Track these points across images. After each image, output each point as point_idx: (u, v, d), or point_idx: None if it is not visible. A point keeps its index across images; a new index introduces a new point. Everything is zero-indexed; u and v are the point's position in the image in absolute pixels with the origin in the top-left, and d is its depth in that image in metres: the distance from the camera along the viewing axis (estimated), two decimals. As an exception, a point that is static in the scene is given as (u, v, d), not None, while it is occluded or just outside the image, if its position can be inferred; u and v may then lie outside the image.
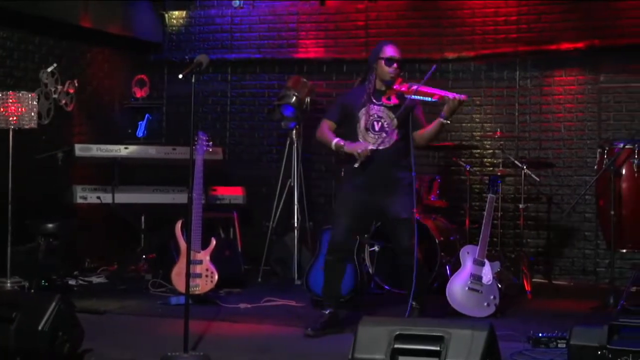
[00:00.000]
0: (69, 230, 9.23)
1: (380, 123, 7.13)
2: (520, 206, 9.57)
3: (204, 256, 8.35)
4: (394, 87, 7.16)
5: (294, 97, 10.03)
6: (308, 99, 10.14)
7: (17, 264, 8.76)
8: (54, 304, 5.59)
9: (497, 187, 8.40)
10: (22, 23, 9.74)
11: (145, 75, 11.61)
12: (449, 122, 7.09)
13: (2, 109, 8.70)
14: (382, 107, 7.15)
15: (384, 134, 7.07)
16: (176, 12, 11.94)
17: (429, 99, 7.03)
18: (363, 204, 7.17)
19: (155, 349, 6.23)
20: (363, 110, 7.15)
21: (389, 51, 7.20)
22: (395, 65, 7.16)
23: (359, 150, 6.93)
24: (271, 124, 11.24)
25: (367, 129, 7.12)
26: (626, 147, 8.32)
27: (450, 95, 6.95)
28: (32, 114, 8.86)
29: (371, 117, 7.13)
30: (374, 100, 7.17)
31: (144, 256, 10.19)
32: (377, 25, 11.03)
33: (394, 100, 7.16)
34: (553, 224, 10.38)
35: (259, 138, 11.51)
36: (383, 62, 7.16)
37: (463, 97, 6.94)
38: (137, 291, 9.13)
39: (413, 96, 7.04)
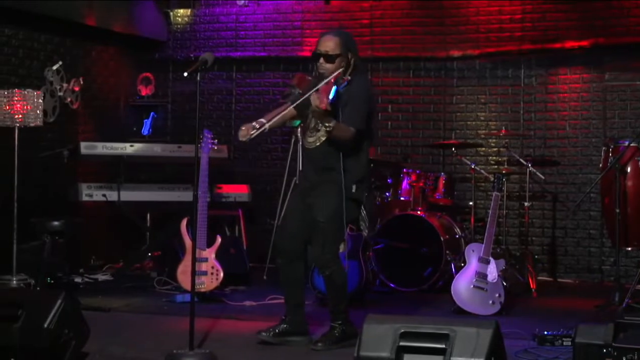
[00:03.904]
0: (74, 228, 9.22)
1: (315, 121, 6.51)
2: (525, 204, 9.59)
3: (210, 254, 8.36)
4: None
5: (297, 93, 10.03)
6: (313, 97, 10.13)
7: (22, 261, 8.77)
8: (59, 301, 5.58)
9: (502, 185, 8.39)
10: (27, 21, 9.76)
11: (150, 73, 11.63)
12: (326, 127, 6.25)
13: (7, 107, 8.70)
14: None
15: (315, 132, 6.56)
16: (181, 10, 11.95)
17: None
18: (300, 207, 6.70)
19: (161, 346, 6.23)
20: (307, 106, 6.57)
21: (317, 43, 6.57)
22: (321, 59, 6.51)
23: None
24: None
25: (307, 127, 6.66)
26: (631, 145, 8.32)
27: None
28: (38, 112, 8.86)
29: (310, 114, 6.55)
30: None
31: (149, 254, 10.22)
32: (381, 23, 11.04)
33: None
34: (558, 222, 10.39)
35: (263, 136, 11.42)
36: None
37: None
38: (143, 289, 9.14)
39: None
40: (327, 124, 6.19)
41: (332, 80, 6.34)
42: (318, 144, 6.55)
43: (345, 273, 6.73)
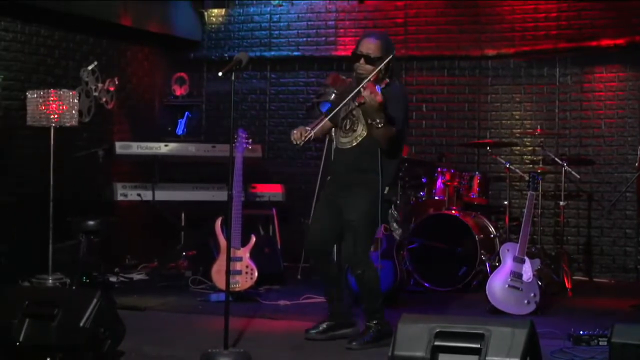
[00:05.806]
0: (109, 228, 9.26)
1: (351, 121, 6.63)
2: (561, 203, 9.53)
3: (244, 253, 8.38)
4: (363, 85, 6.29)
5: (333, 95, 9.97)
6: (347, 97, 10.12)
7: (58, 261, 8.81)
8: (95, 300, 5.61)
9: (537, 184, 8.35)
10: (63, 22, 9.81)
11: (184, 73, 11.67)
12: (372, 124, 6.26)
13: (43, 107, 8.74)
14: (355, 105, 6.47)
15: (351, 133, 6.62)
16: (215, 10, 11.98)
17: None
18: (328, 208, 6.72)
19: (196, 345, 6.26)
20: (343, 108, 6.62)
21: (358, 44, 6.61)
22: (361, 60, 6.55)
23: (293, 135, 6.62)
24: (310, 122, 11.23)
25: (340, 128, 6.73)
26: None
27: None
28: (73, 112, 8.90)
29: (346, 115, 6.68)
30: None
31: (184, 253, 10.23)
32: (416, 22, 11.02)
33: (359, 99, 6.26)
34: (593, 221, 10.34)
35: (298, 135, 11.49)
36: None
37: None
38: (178, 288, 9.16)
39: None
40: (378, 120, 6.15)
41: (373, 80, 6.33)
42: (354, 144, 6.59)
43: (378, 272, 6.76)
